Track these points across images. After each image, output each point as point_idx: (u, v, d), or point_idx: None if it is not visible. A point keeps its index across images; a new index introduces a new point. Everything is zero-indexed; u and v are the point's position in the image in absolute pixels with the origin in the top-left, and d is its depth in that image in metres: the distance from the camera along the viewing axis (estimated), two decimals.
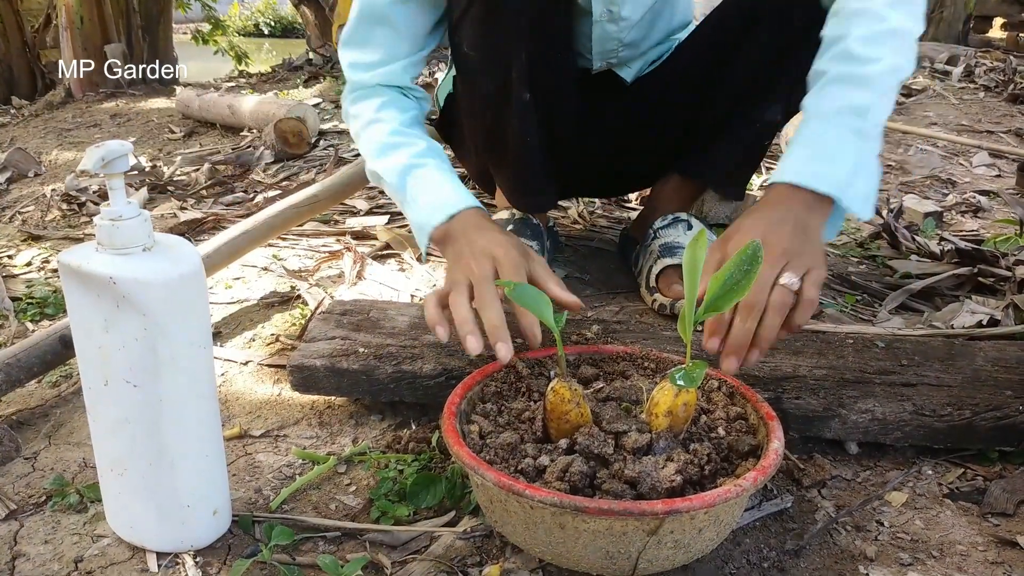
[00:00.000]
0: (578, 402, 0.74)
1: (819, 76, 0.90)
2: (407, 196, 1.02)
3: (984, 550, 0.79)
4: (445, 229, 0.98)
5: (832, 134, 0.85)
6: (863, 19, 0.89)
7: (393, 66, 1.09)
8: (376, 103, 1.08)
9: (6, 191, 2.39)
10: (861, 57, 0.87)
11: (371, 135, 1.08)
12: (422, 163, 1.02)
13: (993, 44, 5.61)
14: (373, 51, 1.09)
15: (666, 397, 0.73)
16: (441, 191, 1.00)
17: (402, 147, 1.04)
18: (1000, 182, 2.22)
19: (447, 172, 1.03)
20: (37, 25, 4.97)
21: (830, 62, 0.89)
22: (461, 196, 1.00)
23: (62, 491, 0.87)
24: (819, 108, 0.87)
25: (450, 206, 0.98)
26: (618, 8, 1.13)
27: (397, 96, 1.10)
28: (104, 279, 0.67)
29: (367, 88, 1.10)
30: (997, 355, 0.99)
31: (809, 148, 0.86)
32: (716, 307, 0.72)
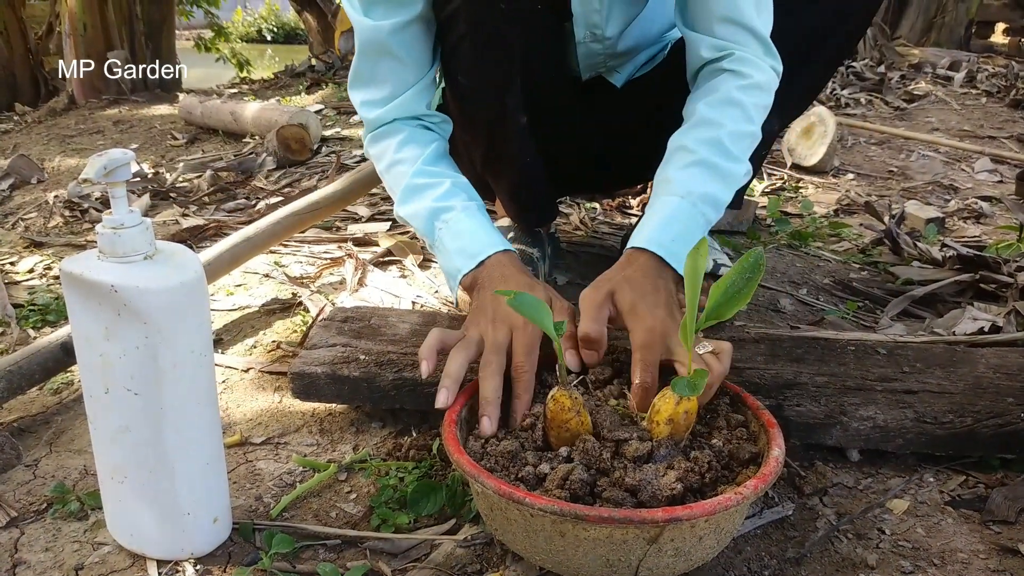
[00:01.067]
0: (578, 411, 0.74)
1: (686, 152, 0.94)
2: (436, 242, 1.01)
3: (986, 558, 0.79)
4: (474, 276, 0.96)
5: (692, 220, 0.92)
6: (736, 113, 0.95)
7: (405, 96, 1.05)
8: (395, 142, 1.05)
9: (9, 198, 2.39)
10: (729, 153, 0.94)
11: (395, 177, 1.05)
12: (448, 206, 1.00)
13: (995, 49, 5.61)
14: (381, 85, 1.05)
15: (667, 405, 0.73)
16: (470, 237, 0.98)
17: (426, 190, 1.02)
18: (1002, 188, 2.22)
19: (473, 213, 1.00)
20: (41, 32, 4.99)
21: (701, 145, 0.94)
22: (489, 240, 0.98)
23: (63, 498, 0.87)
24: (687, 187, 0.92)
25: (479, 252, 0.96)
26: (601, 30, 1.14)
27: (416, 130, 1.07)
28: (106, 287, 0.67)
29: (384, 125, 1.07)
30: (999, 362, 0.99)
31: (673, 227, 0.91)
32: (718, 315, 0.72)
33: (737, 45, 0.98)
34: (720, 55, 0.98)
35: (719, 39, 0.98)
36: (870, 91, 3.62)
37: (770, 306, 1.34)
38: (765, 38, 0.99)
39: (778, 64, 1.00)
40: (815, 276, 1.51)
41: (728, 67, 0.97)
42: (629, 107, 1.26)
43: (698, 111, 0.96)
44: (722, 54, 0.98)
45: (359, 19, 1.01)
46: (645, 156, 1.35)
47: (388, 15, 0.99)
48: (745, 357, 0.98)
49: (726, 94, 0.96)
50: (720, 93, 0.96)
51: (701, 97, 0.98)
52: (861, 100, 3.45)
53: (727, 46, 0.98)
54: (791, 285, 1.44)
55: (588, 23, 1.14)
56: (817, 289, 1.44)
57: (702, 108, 0.96)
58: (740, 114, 0.95)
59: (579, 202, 1.87)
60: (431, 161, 1.04)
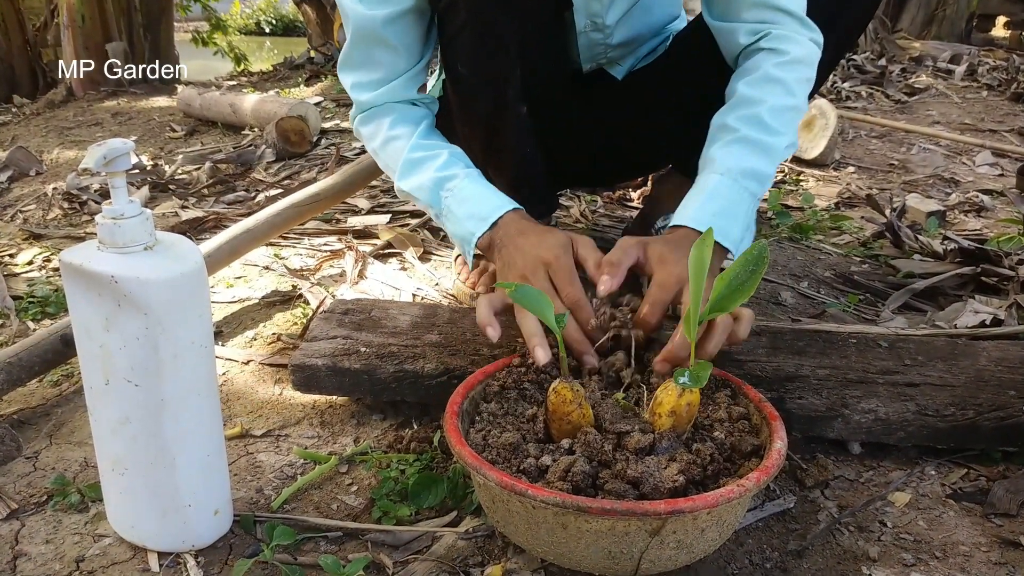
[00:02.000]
0: (580, 403, 0.74)
1: (727, 130, 0.95)
2: (443, 210, 1.01)
3: (987, 551, 0.79)
4: (489, 237, 0.97)
5: (735, 194, 0.92)
6: (776, 89, 0.95)
7: (396, 82, 1.07)
8: (388, 120, 1.07)
9: (7, 190, 2.39)
10: (770, 128, 0.94)
11: (391, 154, 1.07)
12: (451, 174, 1.01)
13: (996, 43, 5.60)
14: (373, 70, 1.07)
15: (670, 397, 0.73)
16: (478, 200, 0.99)
17: (426, 162, 1.03)
18: (1003, 181, 2.22)
19: (477, 178, 1.02)
20: (38, 23, 4.97)
21: (741, 122, 0.94)
22: (498, 201, 0.99)
23: (63, 490, 0.87)
24: (727, 164, 0.93)
25: (490, 214, 0.97)
26: (601, 19, 1.14)
27: (406, 109, 1.08)
28: (106, 278, 0.66)
29: (375, 107, 1.08)
30: (1000, 355, 0.99)
31: (715, 202, 0.92)
32: (721, 307, 0.72)
33: (771, 25, 0.99)
34: (756, 38, 0.99)
35: (752, 23, 1.00)
36: (871, 84, 3.61)
37: (771, 299, 1.34)
38: (798, 14, 0.99)
39: (817, 35, 1.00)
40: (816, 269, 1.50)
41: (765, 46, 0.98)
42: (629, 99, 1.26)
43: (738, 91, 0.97)
44: (757, 37, 0.99)
45: (352, 6, 1.02)
46: (645, 148, 1.35)
47: (382, 5, 1.00)
48: (747, 350, 0.98)
49: (765, 72, 0.96)
50: (759, 72, 0.97)
51: (740, 77, 0.99)
52: (862, 93, 3.44)
53: (760, 28, 0.99)
54: (792, 278, 1.44)
55: (588, 12, 1.13)
56: (818, 282, 1.44)
57: (741, 87, 0.97)
58: (781, 89, 0.96)
59: (579, 195, 1.87)
60: (425, 135, 1.06)
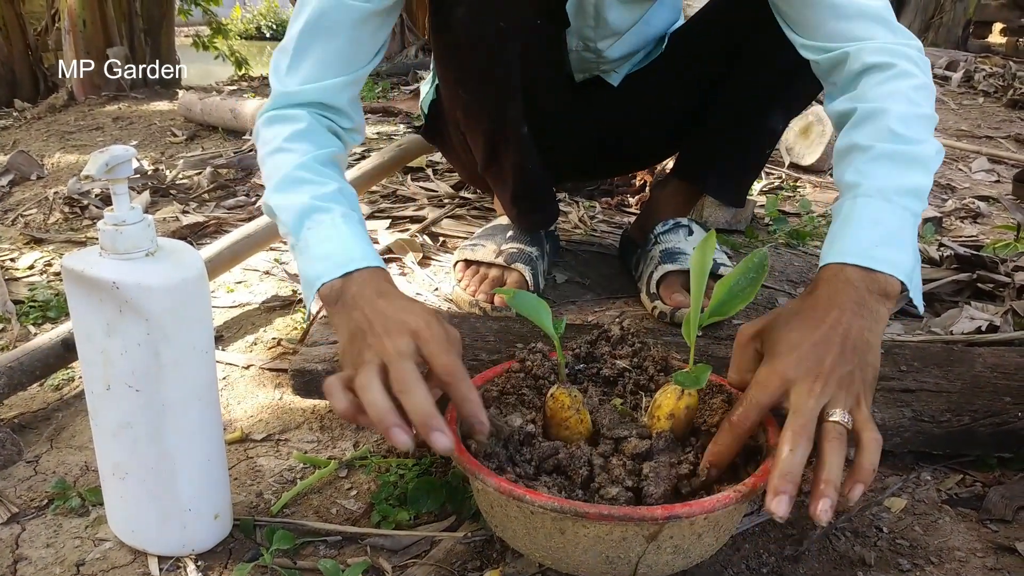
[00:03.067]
0: (577, 408, 0.74)
1: (858, 151, 0.81)
2: (299, 241, 0.86)
3: (983, 556, 0.79)
4: (339, 288, 0.81)
5: (893, 216, 0.76)
6: (895, 99, 0.82)
7: (331, 82, 0.94)
8: (290, 130, 0.92)
9: (8, 194, 2.39)
10: (906, 137, 0.79)
11: (275, 163, 0.91)
12: (326, 207, 0.86)
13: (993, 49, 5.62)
14: (311, 64, 0.94)
15: (668, 400, 0.74)
16: (341, 243, 0.84)
17: (306, 184, 0.88)
18: (999, 188, 2.23)
19: (353, 223, 0.87)
20: (40, 28, 4.98)
21: (871, 137, 0.80)
22: (362, 252, 0.84)
23: (64, 495, 0.87)
24: (875, 185, 0.77)
25: (346, 263, 0.82)
26: (593, 43, 1.15)
27: (318, 127, 0.95)
28: (107, 284, 0.67)
29: (291, 108, 0.95)
30: (996, 361, 1.00)
31: (875, 230, 0.75)
32: (721, 312, 0.72)
33: (857, 42, 0.86)
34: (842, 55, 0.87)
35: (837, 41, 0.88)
36: None
37: (768, 305, 1.35)
38: (888, 20, 0.88)
39: (913, 39, 0.88)
40: (813, 275, 1.51)
41: (865, 63, 0.85)
42: (627, 102, 1.27)
43: (855, 111, 0.84)
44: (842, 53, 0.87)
45: None
46: (644, 148, 1.36)
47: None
48: None
49: (875, 88, 0.84)
50: (868, 90, 0.84)
51: (849, 100, 0.86)
52: None
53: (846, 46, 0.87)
54: (789, 284, 1.45)
55: (581, 36, 1.14)
56: None
57: (857, 106, 0.84)
58: (900, 98, 0.82)
59: (578, 200, 1.88)
60: (322, 161, 0.92)
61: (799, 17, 0.91)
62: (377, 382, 0.69)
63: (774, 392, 0.68)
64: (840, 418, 0.66)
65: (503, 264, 1.23)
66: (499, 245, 1.26)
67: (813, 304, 0.72)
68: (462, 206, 1.84)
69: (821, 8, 0.87)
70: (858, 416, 0.68)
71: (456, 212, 1.80)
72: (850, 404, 0.68)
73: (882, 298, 0.73)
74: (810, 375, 0.67)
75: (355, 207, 0.90)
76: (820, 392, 0.67)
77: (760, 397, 0.68)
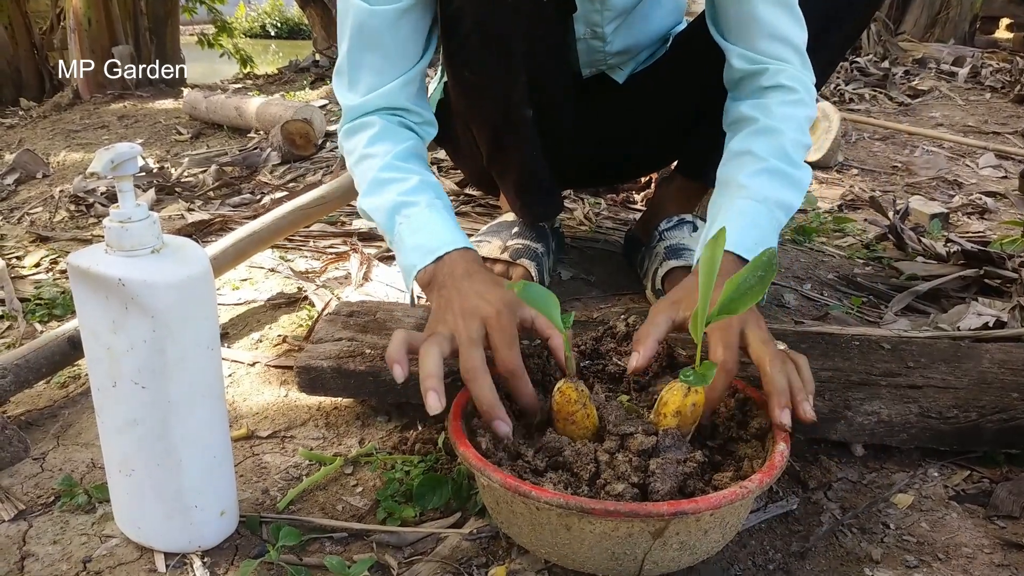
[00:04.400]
0: (584, 403, 0.74)
1: (753, 158, 0.95)
2: (395, 237, 0.95)
3: (990, 552, 0.79)
4: (432, 272, 0.90)
5: (769, 223, 0.93)
6: (792, 124, 0.97)
7: (390, 86, 1.01)
8: (367, 136, 1.01)
9: (15, 192, 2.40)
10: (794, 161, 0.96)
11: (362, 172, 1.00)
12: (412, 201, 0.95)
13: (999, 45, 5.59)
14: (367, 73, 1.01)
15: (675, 397, 0.74)
16: (429, 232, 0.93)
17: (392, 184, 0.96)
18: (1006, 183, 2.22)
19: (439, 210, 0.95)
20: (45, 27, 5.00)
21: (767, 152, 0.95)
22: (450, 236, 0.92)
23: (70, 491, 0.87)
24: (761, 193, 0.93)
25: (437, 248, 0.91)
26: (600, 28, 1.15)
27: (392, 126, 1.02)
28: (113, 281, 0.67)
29: (362, 116, 1.02)
30: (1004, 357, 0.99)
31: (756, 231, 0.91)
32: (729, 309, 0.71)
33: (781, 63, 1.00)
34: (761, 68, 1.00)
35: (762, 55, 1.00)
36: (874, 86, 3.61)
37: (774, 301, 1.34)
38: (803, 53, 1.01)
39: (811, 73, 1.02)
40: (819, 271, 1.51)
41: (777, 82, 0.99)
42: (632, 102, 1.27)
43: (755, 118, 0.98)
44: (764, 68, 1.00)
45: (356, 2, 0.98)
46: (649, 150, 1.35)
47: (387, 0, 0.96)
48: None
49: (780, 107, 0.98)
50: (774, 105, 0.98)
51: (754, 108, 1.00)
52: (865, 95, 3.44)
53: (769, 62, 1.00)
54: (795, 280, 1.44)
55: (588, 21, 1.14)
56: (821, 284, 1.44)
57: (759, 115, 0.98)
58: (795, 125, 0.98)
59: (583, 197, 1.87)
60: (402, 157, 0.99)
61: (737, 28, 1.02)
62: (437, 350, 0.78)
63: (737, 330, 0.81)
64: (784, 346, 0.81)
65: (508, 260, 1.23)
66: (504, 241, 1.26)
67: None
68: (467, 203, 1.84)
69: (759, 25, 0.99)
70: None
71: (461, 209, 1.80)
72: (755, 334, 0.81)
73: None
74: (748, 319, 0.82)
75: (440, 195, 0.98)
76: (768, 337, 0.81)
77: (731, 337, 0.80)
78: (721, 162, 1.01)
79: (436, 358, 0.77)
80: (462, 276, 0.87)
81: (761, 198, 0.93)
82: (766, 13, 0.98)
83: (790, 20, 1.00)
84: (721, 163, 1.01)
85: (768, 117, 0.98)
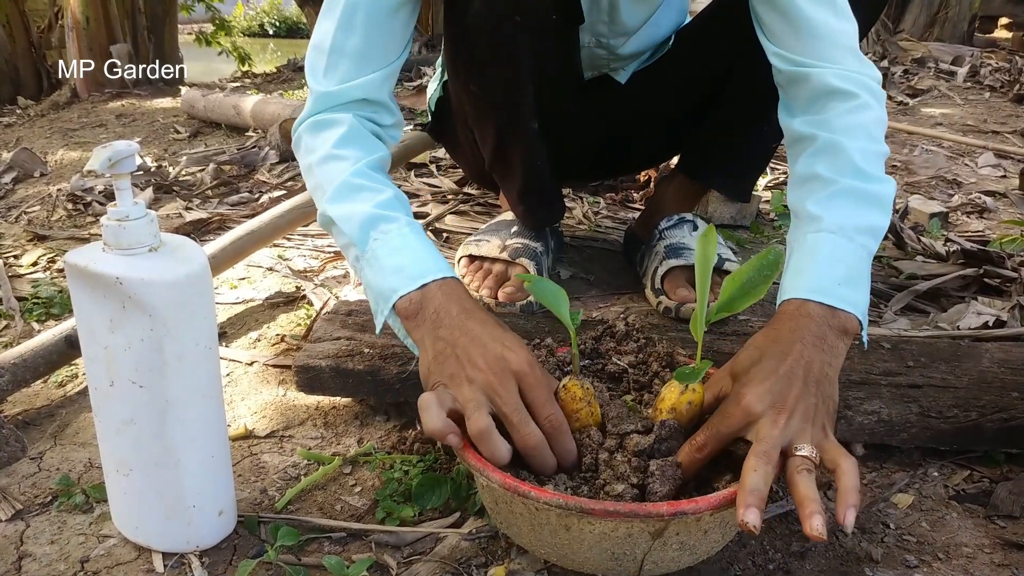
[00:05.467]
0: (589, 401, 0.74)
1: (821, 181, 0.82)
2: (366, 253, 0.84)
3: (990, 552, 0.79)
4: (419, 301, 0.80)
5: (855, 256, 0.78)
6: (859, 133, 0.84)
7: (371, 76, 0.93)
8: (337, 134, 0.91)
9: (12, 191, 2.39)
10: (868, 174, 0.81)
11: (327, 172, 0.89)
12: (391, 216, 0.85)
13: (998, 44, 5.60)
14: (348, 62, 0.93)
15: (671, 394, 0.74)
16: (412, 255, 0.82)
17: (366, 192, 0.87)
18: (1006, 183, 2.21)
19: (419, 232, 0.86)
20: (43, 25, 4.99)
21: (834, 171, 0.82)
22: (434, 264, 0.82)
23: (68, 491, 0.87)
24: (838, 222, 0.79)
25: (422, 275, 0.81)
26: (606, 39, 1.14)
27: (363, 131, 0.94)
28: (110, 279, 0.67)
29: (334, 111, 0.94)
30: (1003, 356, 0.99)
31: (837, 268, 0.77)
32: (729, 308, 0.71)
33: (821, 63, 0.87)
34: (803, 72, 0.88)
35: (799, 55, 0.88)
36: None
37: (774, 300, 1.34)
38: (855, 50, 0.89)
39: (874, 70, 0.89)
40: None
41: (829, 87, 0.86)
42: (634, 100, 1.26)
43: (817, 137, 0.85)
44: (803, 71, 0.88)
45: None
46: (650, 147, 1.35)
47: None
48: None
49: (839, 118, 0.85)
50: (832, 118, 0.85)
51: (810, 124, 0.87)
52: None
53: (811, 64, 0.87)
54: None
55: (595, 32, 1.14)
56: None
57: (819, 133, 0.85)
58: (863, 133, 0.84)
59: (582, 196, 1.87)
60: (375, 167, 0.91)
61: (774, 26, 0.91)
62: (495, 431, 0.70)
63: (736, 424, 0.69)
64: (808, 452, 0.66)
65: (507, 259, 1.23)
66: (503, 240, 1.26)
67: (775, 338, 0.73)
68: (466, 202, 1.84)
69: (798, 22, 0.88)
70: (828, 445, 0.68)
71: (460, 208, 1.79)
72: (818, 437, 0.68)
73: (842, 335, 0.75)
74: (774, 408, 0.68)
75: (410, 212, 0.89)
76: (784, 425, 0.67)
77: (722, 428, 0.69)
78: (788, 187, 0.89)
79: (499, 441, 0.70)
80: (462, 315, 0.78)
81: (837, 228, 0.79)
82: (799, 6, 0.87)
83: (830, 12, 0.88)
84: (788, 188, 0.88)
85: (828, 131, 0.84)
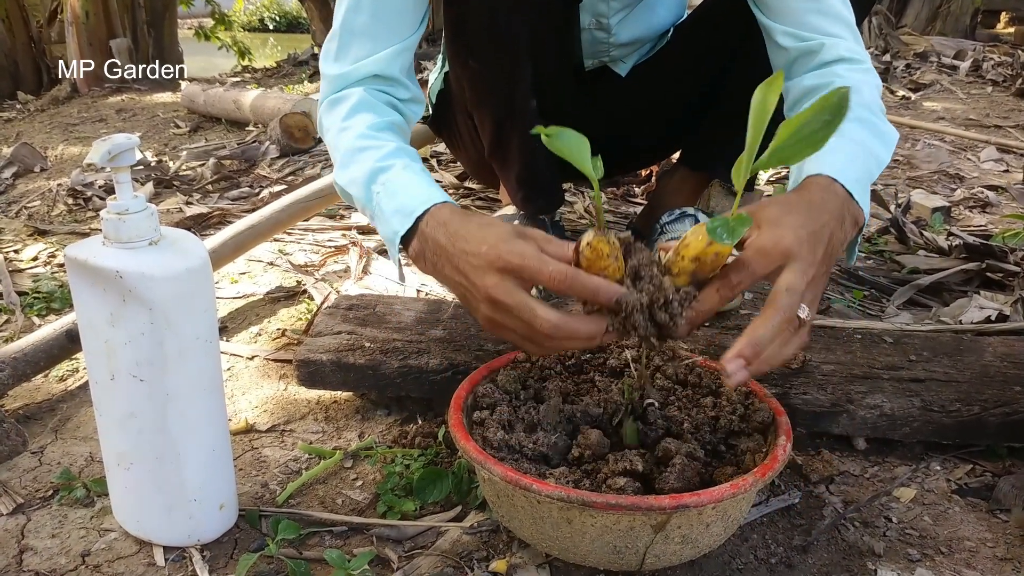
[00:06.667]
0: (616, 256, 0.68)
1: None
2: (375, 210, 0.84)
3: (993, 546, 0.79)
4: (418, 246, 0.80)
5: (863, 168, 0.79)
6: (865, 87, 0.87)
7: (382, 53, 0.93)
8: (346, 107, 0.91)
9: (12, 186, 2.39)
10: (878, 114, 0.85)
11: (336, 145, 0.91)
12: (388, 165, 0.85)
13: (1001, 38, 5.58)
14: (360, 41, 0.94)
15: (699, 242, 0.66)
16: (406, 192, 0.82)
17: (368, 151, 0.87)
18: (1008, 177, 2.21)
19: (416, 171, 0.85)
20: (42, 20, 4.98)
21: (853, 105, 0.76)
22: (427, 195, 0.81)
23: (69, 485, 0.87)
24: (857, 138, 0.81)
25: (414, 210, 0.80)
26: (606, 19, 1.14)
27: (373, 100, 0.93)
28: (111, 273, 0.67)
29: (346, 88, 0.94)
30: (1006, 351, 0.99)
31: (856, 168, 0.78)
32: (782, 158, 0.62)
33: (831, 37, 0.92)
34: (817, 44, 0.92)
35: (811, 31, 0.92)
36: None
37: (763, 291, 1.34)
38: (855, 30, 0.94)
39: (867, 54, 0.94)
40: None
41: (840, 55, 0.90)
42: (634, 94, 1.26)
43: (830, 83, 0.87)
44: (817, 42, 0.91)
45: None
46: (652, 142, 1.35)
47: None
48: None
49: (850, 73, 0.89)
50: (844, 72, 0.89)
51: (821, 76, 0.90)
52: None
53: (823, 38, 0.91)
54: None
55: (594, 11, 1.13)
56: None
57: (832, 81, 0.88)
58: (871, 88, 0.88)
59: (583, 191, 1.87)
60: (381, 128, 0.90)
61: (780, 6, 0.94)
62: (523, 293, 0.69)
63: (772, 265, 0.67)
64: (804, 314, 0.67)
65: None
66: None
67: (808, 200, 0.73)
68: (466, 196, 1.84)
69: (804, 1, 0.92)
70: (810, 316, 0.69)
71: (461, 203, 1.79)
72: (815, 304, 0.69)
73: (853, 224, 0.76)
74: (806, 260, 0.67)
75: (415, 157, 0.88)
76: (811, 280, 0.67)
77: (757, 268, 0.67)
78: None
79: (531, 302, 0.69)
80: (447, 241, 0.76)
81: (859, 141, 0.80)
82: None
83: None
84: None
85: (840, 80, 0.87)
